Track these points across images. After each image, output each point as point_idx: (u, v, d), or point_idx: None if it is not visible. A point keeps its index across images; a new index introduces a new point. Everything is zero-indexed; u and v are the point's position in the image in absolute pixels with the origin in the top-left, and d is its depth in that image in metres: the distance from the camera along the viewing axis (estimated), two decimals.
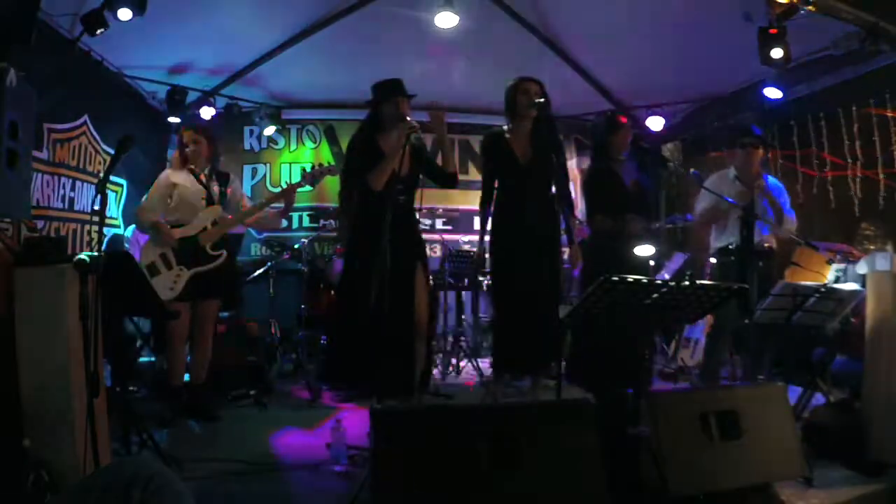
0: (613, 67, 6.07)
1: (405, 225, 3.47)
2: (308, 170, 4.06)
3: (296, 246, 5.54)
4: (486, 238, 3.91)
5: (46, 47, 3.96)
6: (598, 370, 3.79)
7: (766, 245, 4.17)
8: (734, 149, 4.36)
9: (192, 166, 3.93)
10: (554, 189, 3.81)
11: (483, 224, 3.84)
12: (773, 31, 4.12)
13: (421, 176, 3.64)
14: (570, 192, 3.95)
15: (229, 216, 3.97)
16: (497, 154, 3.68)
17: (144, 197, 4.05)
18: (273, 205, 4.11)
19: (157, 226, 3.79)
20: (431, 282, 3.83)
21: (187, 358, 3.99)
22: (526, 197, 3.64)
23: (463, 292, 6.18)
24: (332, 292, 5.54)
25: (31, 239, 3.65)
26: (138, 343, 4.58)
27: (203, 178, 3.95)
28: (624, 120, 4.10)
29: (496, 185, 3.81)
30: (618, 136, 4.00)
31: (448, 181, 3.67)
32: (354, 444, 3.12)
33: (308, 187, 4.16)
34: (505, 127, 3.79)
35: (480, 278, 5.84)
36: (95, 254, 2.26)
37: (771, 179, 4.36)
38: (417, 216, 3.67)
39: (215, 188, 3.97)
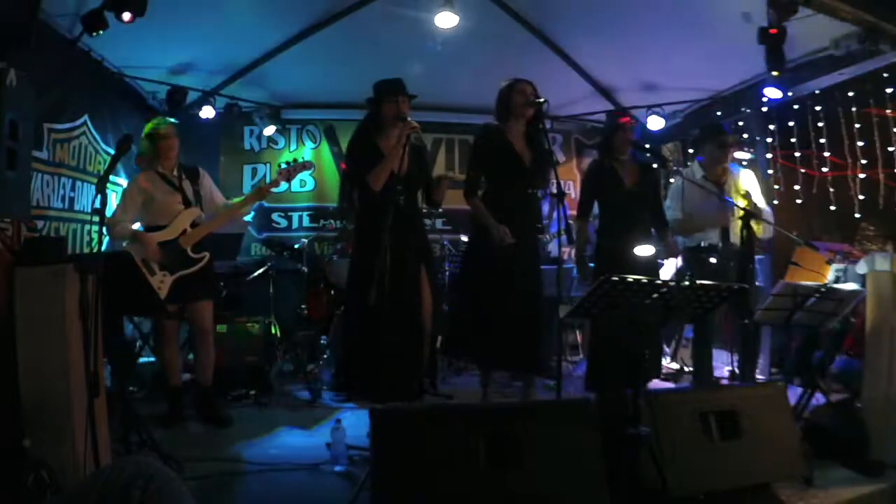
0: (613, 67, 6.07)
1: (408, 225, 3.44)
2: (283, 167, 4.04)
3: (296, 246, 5.54)
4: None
5: (46, 47, 3.96)
6: (598, 370, 3.79)
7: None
8: (706, 146, 4.34)
9: (162, 169, 3.83)
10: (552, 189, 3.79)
11: (483, 209, 3.59)
12: (773, 31, 4.12)
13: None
14: (563, 192, 3.92)
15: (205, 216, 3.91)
16: (497, 150, 3.65)
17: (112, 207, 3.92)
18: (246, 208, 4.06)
19: (136, 236, 3.71)
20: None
21: (180, 358, 3.97)
22: (526, 196, 3.64)
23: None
24: (332, 292, 5.55)
25: (31, 239, 3.65)
26: (138, 343, 4.58)
27: (175, 180, 3.86)
28: (624, 120, 4.10)
29: (483, 180, 3.74)
30: (618, 136, 4.01)
31: (431, 203, 3.74)
32: (354, 444, 3.12)
33: (284, 185, 4.14)
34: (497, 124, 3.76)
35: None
36: (95, 253, 2.26)
37: (740, 169, 4.36)
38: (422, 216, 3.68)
39: (189, 188, 3.89)
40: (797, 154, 5.54)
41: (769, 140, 5.83)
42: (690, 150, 6.98)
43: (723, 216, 4.10)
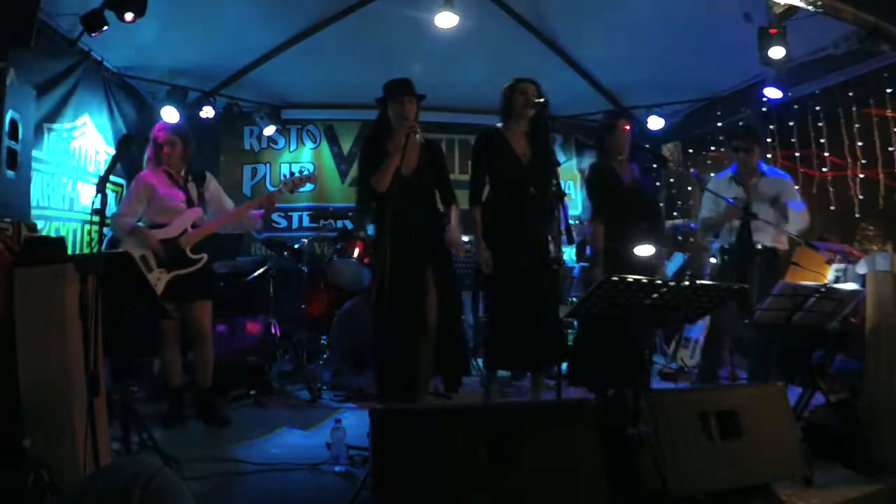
0: (613, 67, 6.07)
1: (412, 226, 3.44)
2: (288, 177, 4.05)
3: (296, 246, 5.54)
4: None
5: (46, 47, 3.97)
6: (598, 370, 3.79)
7: (759, 245, 4.10)
8: (729, 152, 4.36)
9: (168, 168, 3.88)
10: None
11: (481, 223, 3.70)
12: (773, 31, 4.12)
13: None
14: (563, 192, 3.93)
15: (209, 219, 3.95)
16: (496, 152, 3.66)
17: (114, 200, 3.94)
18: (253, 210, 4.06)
19: (137, 232, 3.73)
20: None
21: (180, 358, 3.97)
22: (526, 196, 3.64)
23: (462, 292, 6.16)
24: (332, 292, 5.54)
25: (31, 239, 3.65)
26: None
27: (180, 180, 3.91)
28: (621, 120, 4.11)
29: (488, 184, 3.76)
30: (614, 137, 4.01)
31: (446, 200, 3.72)
32: (354, 444, 3.12)
33: (287, 194, 4.16)
34: (499, 125, 3.77)
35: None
36: (95, 253, 2.26)
37: (772, 169, 4.35)
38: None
39: (194, 190, 3.93)
40: (797, 154, 5.54)
41: (769, 140, 5.83)
42: (690, 151, 6.99)
43: (733, 212, 4.09)
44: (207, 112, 5.95)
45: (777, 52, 4.29)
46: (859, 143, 4.99)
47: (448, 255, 3.65)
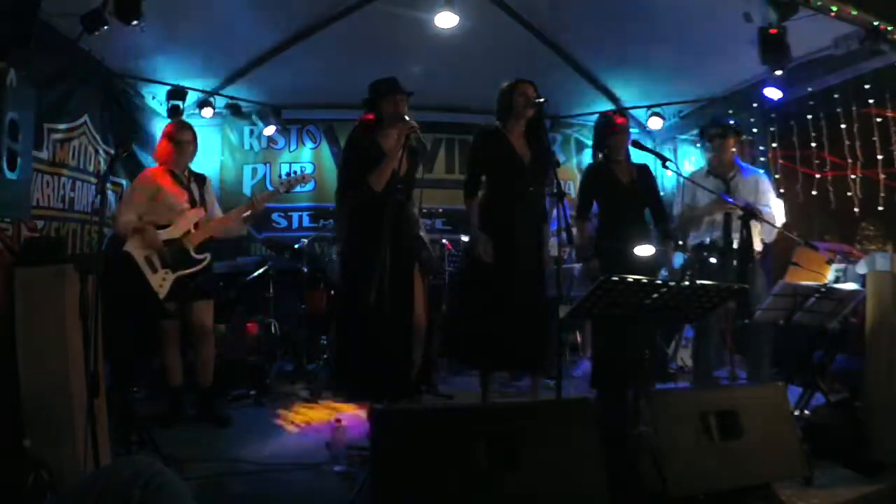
0: (614, 68, 6.07)
1: (403, 225, 3.47)
2: (283, 177, 4.06)
3: (296, 246, 5.54)
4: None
5: (46, 47, 3.96)
6: (618, 373, 3.77)
7: (735, 244, 4.07)
8: (706, 141, 4.36)
9: (172, 168, 3.86)
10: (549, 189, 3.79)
11: (476, 216, 3.65)
12: (773, 31, 4.12)
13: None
14: (563, 191, 3.92)
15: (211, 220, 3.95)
16: (496, 150, 3.66)
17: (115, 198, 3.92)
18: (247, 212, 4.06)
19: (141, 231, 3.70)
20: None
21: (180, 357, 3.97)
22: (525, 195, 3.64)
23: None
24: (333, 292, 5.54)
25: (31, 239, 3.65)
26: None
27: (184, 178, 3.91)
28: (621, 121, 4.10)
29: (483, 181, 3.76)
30: (615, 138, 4.00)
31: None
32: (354, 444, 3.12)
33: (286, 194, 4.17)
34: (497, 124, 3.76)
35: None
36: (94, 253, 2.26)
37: (748, 166, 4.35)
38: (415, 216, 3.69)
39: (196, 190, 3.93)
40: (797, 154, 5.54)
41: (769, 140, 5.83)
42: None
43: (717, 206, 4.08)
44: (207, 112, 5.95)
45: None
46: (859, 143, 4.99)
47: (421, 256, 3.70)
